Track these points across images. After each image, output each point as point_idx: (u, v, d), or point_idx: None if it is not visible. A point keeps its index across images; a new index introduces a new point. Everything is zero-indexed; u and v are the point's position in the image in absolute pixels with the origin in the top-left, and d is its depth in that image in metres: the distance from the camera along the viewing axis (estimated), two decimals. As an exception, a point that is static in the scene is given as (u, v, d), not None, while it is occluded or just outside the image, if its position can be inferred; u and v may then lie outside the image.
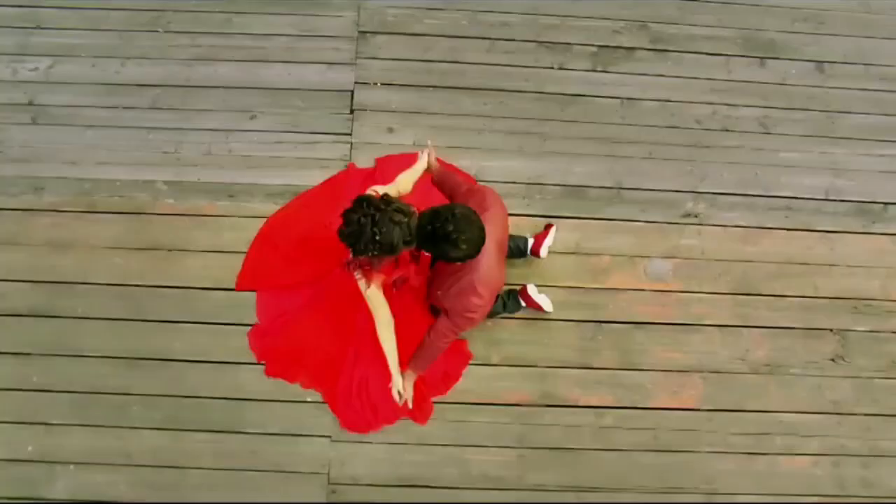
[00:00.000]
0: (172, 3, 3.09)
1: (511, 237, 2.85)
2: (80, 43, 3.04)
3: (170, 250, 2.84)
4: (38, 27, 3.05)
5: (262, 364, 2.75)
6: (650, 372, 2.86)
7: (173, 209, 2.89)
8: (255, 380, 2.75)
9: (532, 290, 2.80)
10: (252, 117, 3.00)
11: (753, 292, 2.96)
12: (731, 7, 3.30)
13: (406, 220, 1.77)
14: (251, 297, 2.80)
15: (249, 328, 2.77)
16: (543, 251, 2.85)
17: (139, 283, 2.81)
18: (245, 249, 2.84)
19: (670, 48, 3.23)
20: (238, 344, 2.76)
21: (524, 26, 3.20)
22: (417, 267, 2.14)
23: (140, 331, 2.77)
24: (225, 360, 2.76)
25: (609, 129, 3.11)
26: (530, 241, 2.86)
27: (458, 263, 1.95)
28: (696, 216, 3.05)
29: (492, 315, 2.81)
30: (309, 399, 2.75)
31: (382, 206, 1.75)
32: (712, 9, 3.29)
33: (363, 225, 1.73)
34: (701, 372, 2.87)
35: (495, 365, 2.83)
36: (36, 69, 3.00)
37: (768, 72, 3.24)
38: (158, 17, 3.08)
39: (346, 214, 1.77)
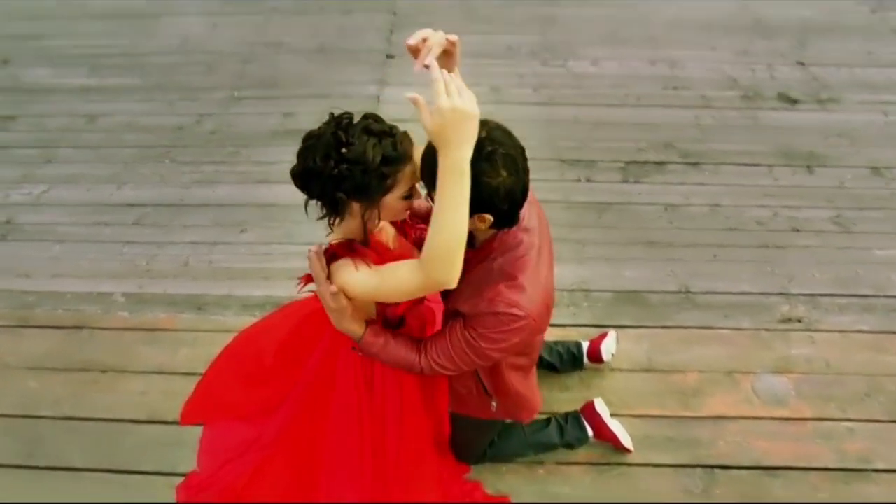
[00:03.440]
0: (184, 139, 3.09)
1: (558, 342, 2.14)
2: (83, 173, 2.93)
3: (104, 371, 2.14)
4: (49, 161, 3.00)
5: (190, 539, 1.75)
6: (815, 548, 1.74)
7: (125, 323, 2.29)
8: (172, 567, 1.71)
9: (601, 408, 1.92)
10: (242, 230, 2.64)
11: (929, 418, 2.02)
12: (755, 129, 3.18)
13: (391, 138, 1.13)
14: (195, 436, 1.96)
15: (181, 479, 1.86)
16: (606, 354, 2.07)
17: (48, 415, 2.03)
18: (203, 371, 2.12)
19: (704, 161, 3.00)
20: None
21: (542, 148, 3.06)
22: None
23: (24, 482, 1.87)
24: (133, 532, 1.77)
25: (657, 234, 2.65)
26: (585, 345, 2.11)
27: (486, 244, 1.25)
28: (799, 320, 2.32)
29: (543, 450, 1.89)
30: None
31: (357, 120, 1.17)
32: (736, 130, 3.17)
33: (321, 133, 1.12)
34: (899, 547, 1.74)
35: (557, 539, 1.77)
36: (29, 194, 2.83)
37: (820, 178, 2.91)
38: (168, 151, 3.03)
39: (307, 135, 1.18)
